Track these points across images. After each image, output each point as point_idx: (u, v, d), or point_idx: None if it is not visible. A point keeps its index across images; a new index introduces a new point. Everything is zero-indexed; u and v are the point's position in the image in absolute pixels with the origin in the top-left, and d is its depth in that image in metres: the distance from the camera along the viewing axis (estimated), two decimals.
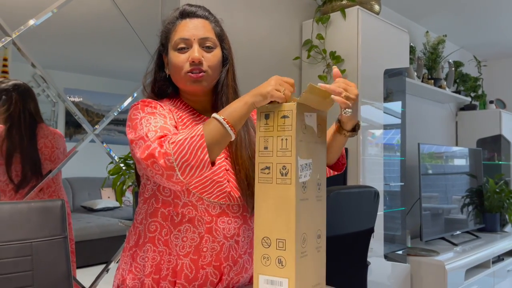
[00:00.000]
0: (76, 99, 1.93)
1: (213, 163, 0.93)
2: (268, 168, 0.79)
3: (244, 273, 1.09)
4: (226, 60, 1.14)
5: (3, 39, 1.58)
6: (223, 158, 1.08)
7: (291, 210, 0.75)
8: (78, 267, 1.95)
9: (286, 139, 0.77)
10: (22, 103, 1.71)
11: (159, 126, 0.96)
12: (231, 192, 1.05)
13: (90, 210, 2.87)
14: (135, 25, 1.89)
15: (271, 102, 0.86)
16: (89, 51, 1.97)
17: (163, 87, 1.15)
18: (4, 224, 1.03)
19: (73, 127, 1.93)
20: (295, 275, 0.75)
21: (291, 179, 0.76)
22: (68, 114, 1.85)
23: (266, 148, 0.80)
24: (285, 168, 0.77)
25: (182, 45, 1.06)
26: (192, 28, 1.07)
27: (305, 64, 2.69)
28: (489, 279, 3.12)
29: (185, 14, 1.09)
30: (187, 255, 1.02)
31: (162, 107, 1.07)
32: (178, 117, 1.08)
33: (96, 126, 1.86)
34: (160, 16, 2.02)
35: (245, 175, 1.05)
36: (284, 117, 0.78)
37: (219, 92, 1.12)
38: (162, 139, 0.91)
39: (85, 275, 1.93)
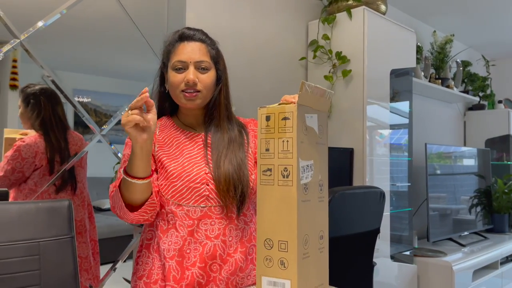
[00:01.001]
0: (85, 100, 1.94)
1: (138, 205, 1.10)
2: (269, 170, 0.79)
3: (240, 272, 1.14)
4: (220, 79, 1.24)
5: (12, 41, 1.60)
6: (203, 164, 1.16)
7: (293, 211, 0.76)
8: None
9: (287, 141, 0.77)
10: (51, 108, 1.73)
11: (119, 175, 1.14)
12: (210, 195, 1.13)
13: (98, 209, 2.90)
14: (141, 26, 1.90)
15: (280, 103, 0.86)
16: (97, 52, 1.99)
17: (162, 101, 1.27)
18: (12, 224, 1.05)
19: (82, 128, 1.94)
20: (297, 277, 0.75)
21: (292, 180, 0.76)
22: (77, 115, 1.86)
23: (267, 150, 0.80)
24: (287, 170, 0.77)
25: (179, 66, 1.17)
26: (189, 52, 1.17)
27: (311, 65, 2.69)
28: (497, 280, 3.10)
29: (183, 37, 1.19)
30: (173, 257, 1.11)
31: None
32: (160, 138, 1.22)
33: (104, 127, 1.88)
34: (166, 17, 2.03)
35: (225, 182, 1.12)
36: (285, 118, 0.78)
37: (211, 109, 1.23)
38: (110, 195, 1.14)
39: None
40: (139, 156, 1.03)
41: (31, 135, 1.68)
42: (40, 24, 1.67)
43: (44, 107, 1.71)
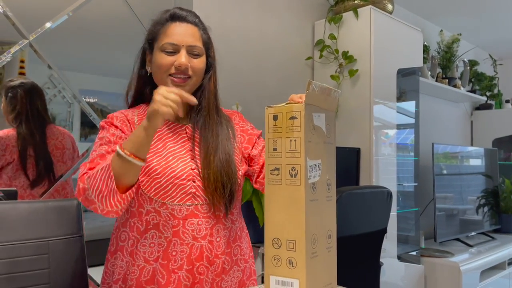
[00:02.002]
0: (91, 100, 1.95)
1: (127, 190, 0.98)
2: (277, 169, 0.79)
3: (224, 275, 1.09)
4: (210, 67, 1.16)
5: (20, 42, 1.62)
6: (189, 159, 1.08)
7: (301, 211, 0.76)
8: (93, 266, 1.97)
9: (295, 140, 0.77)
10: (29, 101, 1.68)
11: (96, 155, 1.04)
12: (197, 193, 1.06)
13: None
14: (148, 26, 1.91)
15: (288, 103, 0.85)
16: (104, 52, 2.00)
17: (143, 85, 1.16)
18: (22, 223, 1.06)
19: (88, 128, 1.95)
20: (305, 276, 0.75)
21: (300, 180, 0.76)
22: (83, 115, 1.87)
23: (275, 149, 0.80)
24: (294, 169, 0.77)
25: (170, 49, 1.07)
26: (182, 34, 1.08)
27: (317, 64, 2.69)
28: (505, 281, 3.08)
29: (175, 17, 1.10)
30: (157, 260, 1.04)
31: (122, 119, 1.12)
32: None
33: None
34: None
35: (214, 179, 1.05)
36: (292, 118, 0.78)
37: (199, 96, 1.13)
38: (85, 175, 0.99)
39: (100, 273, 1.95)
40: (150, 139, 0.96)
41: (6, 129, 1.66)
42: (48, 25, 1.68)
43: (20, 100, 1.66)
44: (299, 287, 0.75)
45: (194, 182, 1.06)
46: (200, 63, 1.10)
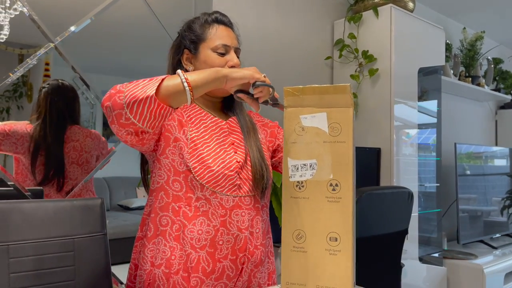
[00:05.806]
0: None
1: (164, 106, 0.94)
2: None
3: (260, 266, 1.13)
4: None
5: (46, 45, 1.66)
6: (233, 152, 1.13)
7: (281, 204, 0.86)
8: (116, 263, 1.99)
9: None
10: (49, 101, 1.69)
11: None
12: (241, 185, 1.11)
13: (126, 208, 2.95)
14: (169, 28, 1.94)
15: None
16: (125, 54, 2.04)
17: None
18: (48, 221, 1.09)
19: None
20: (284, 263, 0.84)
21: (283, 177, 0.86)
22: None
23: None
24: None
25: (222, 50, 1.15)
26: (231, 37, 1.18)
27: (336, 64, 2.67)
28: None
29: (221, 22, 1.20)
30: (203, 247, 1.05)
31: None
32: (187, 116, 1.15)
33: None
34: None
35: (261, 169, 1.13)
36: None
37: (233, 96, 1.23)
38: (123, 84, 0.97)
39: (122, 271, 1.99)
40: (213, 86, 1.00)
41: (27, 122, 1.65)
42: (72, 28, 1.73)
43: (40, 100, 1.68)
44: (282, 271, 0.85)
45: (239, 174, 1.11)
46: (240, 64, 1.18)
